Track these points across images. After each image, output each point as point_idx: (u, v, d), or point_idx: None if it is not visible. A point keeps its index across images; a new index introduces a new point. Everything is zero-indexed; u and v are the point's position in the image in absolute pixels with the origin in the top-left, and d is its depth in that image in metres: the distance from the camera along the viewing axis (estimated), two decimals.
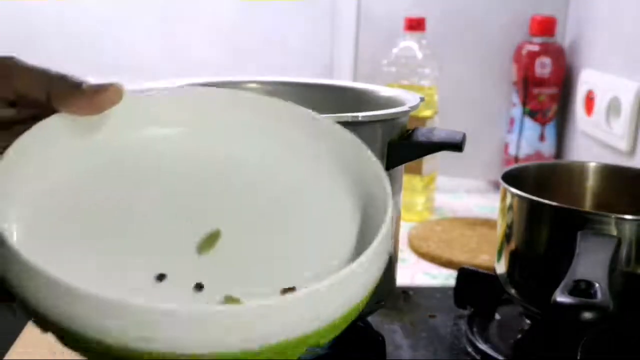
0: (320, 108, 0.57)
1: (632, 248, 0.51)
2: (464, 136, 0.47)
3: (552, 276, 0.48)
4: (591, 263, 0.47)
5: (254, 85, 0.63)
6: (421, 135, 0.49)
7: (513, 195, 0.57)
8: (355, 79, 1.12)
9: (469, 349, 0.58)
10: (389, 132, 0.49)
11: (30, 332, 0.61)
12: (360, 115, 0.46)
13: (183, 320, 0.28)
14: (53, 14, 1.15)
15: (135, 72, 1.16)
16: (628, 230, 0.51)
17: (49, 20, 1.16)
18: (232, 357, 0.29)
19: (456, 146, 0.47)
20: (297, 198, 0.40)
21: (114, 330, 0.28)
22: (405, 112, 0.49)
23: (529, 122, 1.07)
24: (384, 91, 0.59)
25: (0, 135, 0.38)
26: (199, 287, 0.35)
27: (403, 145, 0.49)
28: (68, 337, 0.30)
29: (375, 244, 0.33)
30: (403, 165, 0.52)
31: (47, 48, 1.16)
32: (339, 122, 0.46)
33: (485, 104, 1.14)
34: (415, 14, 1.01)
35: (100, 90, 0.37)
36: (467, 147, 0.48)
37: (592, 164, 0.66)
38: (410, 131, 0.49)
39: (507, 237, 0.58)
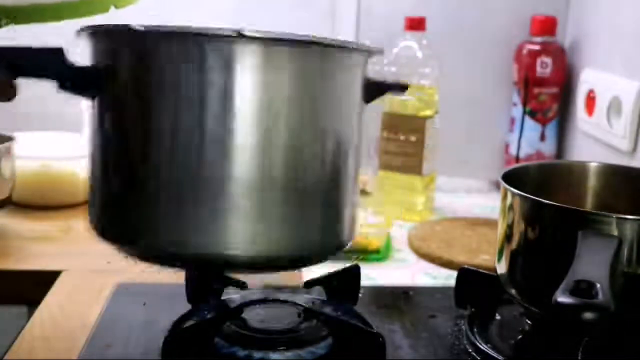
0: None
1: (634, 248, 0.51)
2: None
3: (552, 276, 0.48)
4: (592, 263, 0.47)
5: None
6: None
7: (513, 195, 0.56)
8: None
9: (469, 349, 0.57)
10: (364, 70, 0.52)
11: (30, 332, 0.60)
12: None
13: None
14: None
15: None
16: (629, 230, 0.51)
17: None
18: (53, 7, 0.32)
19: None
20: None
21: None
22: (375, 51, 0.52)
23: (529, 122, 1.07)
24: None
25: None
26: None
27: (370, 84, 0.52)
28: None
29: None
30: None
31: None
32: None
33: (485, 104, 1.14)
34: (416, 13, 1.01)
35: None
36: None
37: (593, 164, 0.66)
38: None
39: (508, 237, 0.58)
